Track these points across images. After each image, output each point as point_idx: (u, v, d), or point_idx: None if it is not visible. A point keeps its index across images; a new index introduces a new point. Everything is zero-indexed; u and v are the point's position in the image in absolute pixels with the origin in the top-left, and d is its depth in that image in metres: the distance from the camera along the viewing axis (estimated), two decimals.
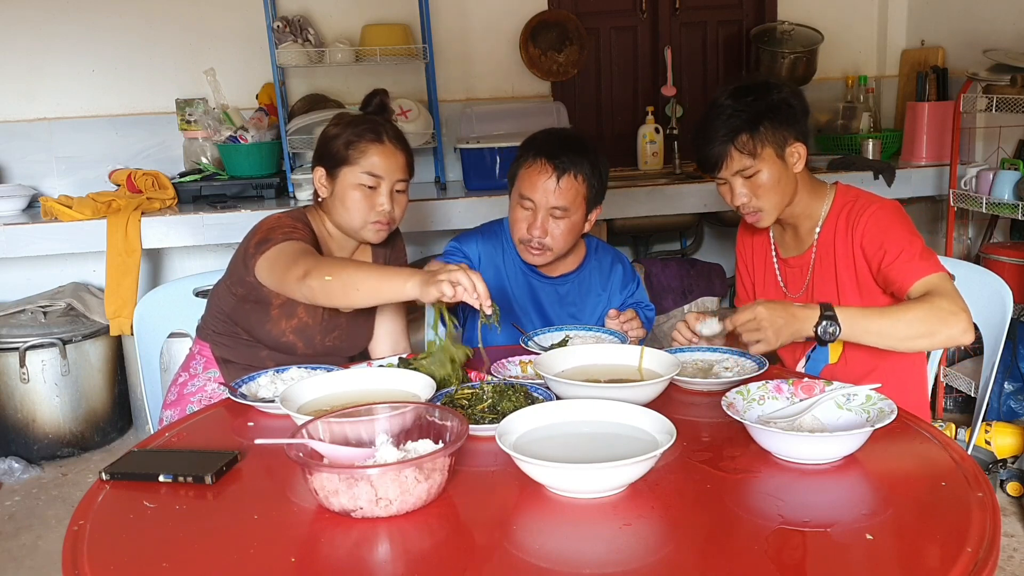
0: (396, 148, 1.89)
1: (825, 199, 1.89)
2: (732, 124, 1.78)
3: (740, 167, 1.80)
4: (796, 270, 1.94)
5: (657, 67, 4.07)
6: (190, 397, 1.93)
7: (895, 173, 3.48)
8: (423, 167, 3.86)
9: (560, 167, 1.95)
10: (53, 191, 3.57)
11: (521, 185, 2.00)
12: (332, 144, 1.89)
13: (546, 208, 1.97)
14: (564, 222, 1.99)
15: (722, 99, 1.81)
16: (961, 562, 1.02)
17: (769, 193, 1.82)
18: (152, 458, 1.41)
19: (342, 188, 1.88)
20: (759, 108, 1.78)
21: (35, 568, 2.63)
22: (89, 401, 3.42)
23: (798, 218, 1.90)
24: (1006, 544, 2.51)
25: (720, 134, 1.79)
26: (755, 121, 1.77)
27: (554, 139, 2.01)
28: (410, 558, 1.12)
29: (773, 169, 1.80)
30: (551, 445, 1.30)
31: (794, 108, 1.81)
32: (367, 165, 1.86)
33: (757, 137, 1.78)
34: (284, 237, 1.79)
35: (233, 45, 3.68)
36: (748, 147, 1.78)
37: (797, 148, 1.82)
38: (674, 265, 3.77)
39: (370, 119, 1.92)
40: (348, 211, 1.87)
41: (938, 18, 3.91)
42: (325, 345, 1.95)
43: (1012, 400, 3.14)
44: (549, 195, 1.96)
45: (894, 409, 1.36)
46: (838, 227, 1.85)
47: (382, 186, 1.87)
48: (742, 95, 1.80)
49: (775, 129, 1.78)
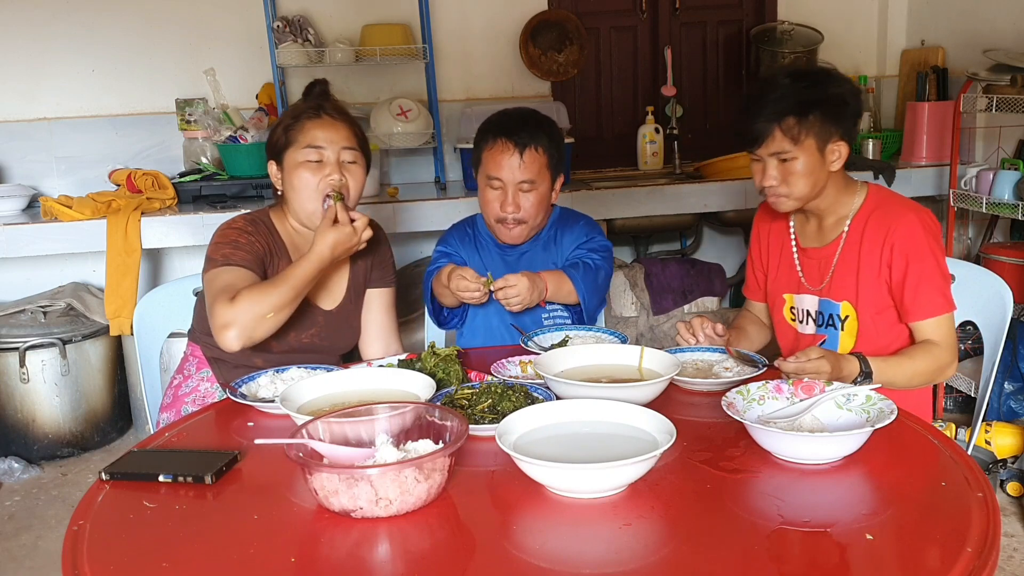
0: (336, 119, 1.87)
1: (856, 195, 1.87)
2: (783, 105, 1.74)
3: (779, 149, 1.76)
4: (816, 261, 1.91)
5: (657, 67, 4.07)
6: (184, 398, 1.92)
7: (895, 173, 3.48)
8: (423, 167, 3.87)
9: (520, 143, 2.04)
10: (53, 191, 3.57)
11: (487, 167, 2.08)
12: (274, 134, 1.89)
13: (514, 184, 2.05)
14: (533, 194, 2.07)
15: (780, 77, 1.78)
16: (961, 562, 1.02)
17: (799, 182, 1.78)
18: (152, 458, 1.41)
19: (289, 172, 1.86)
20: (814, 96, 1.74)
21: (35, 568, 2.63)
22: (89, 401, 3.42)
23: (824, 211, 1.88)
24: (1006, 544, 2.51)
25: (768, 111, 1.75)
26: (806, 108, 1.73)
27: (509, 118, 2.10)
28: (410, 558, 1.11)
29: (810, 160, 1.77)
30: (551, 445, 1.30)
31: (848, 106, 1.78)
32: (307, 140, 1.84)
33: (804, 124, 1.74)
34: (223, 260, 1.78)
35: (233, 45, 3.68)
36: (793, 132, 1.74)
37: (839, 147, 1.78)
38: (674, 265, 3.77)
39: (309, 102, 1.91)
40: (298, 193, 1.85)
41: (938, 18, 3.91)
42: (302, 342, 1.93)
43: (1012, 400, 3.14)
44: (515, 171, 2.04)
45: (894, 409, 1.36)
46: (869, 224, 1.83)
47: (326, 156, 1.84)
48: (801, 78, 1.77)
49: (824, 122, 1.75)
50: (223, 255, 1.79)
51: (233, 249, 1.80)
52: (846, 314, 1.86)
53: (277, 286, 1.70)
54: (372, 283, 2.05)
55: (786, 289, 1.98)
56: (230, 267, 1.77)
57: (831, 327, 1.88)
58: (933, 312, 1.78)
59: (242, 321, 1.65)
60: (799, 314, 1.95)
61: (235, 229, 1.86)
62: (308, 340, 1.93)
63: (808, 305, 1.93)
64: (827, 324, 1.89)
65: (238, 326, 1.65)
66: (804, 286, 1.93)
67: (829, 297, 1.88)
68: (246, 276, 1.75)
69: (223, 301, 1.68)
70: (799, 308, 1.95)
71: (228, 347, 1.67)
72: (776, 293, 2.00)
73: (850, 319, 1.86)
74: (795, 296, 1.96)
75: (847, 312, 1.86)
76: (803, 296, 1.94)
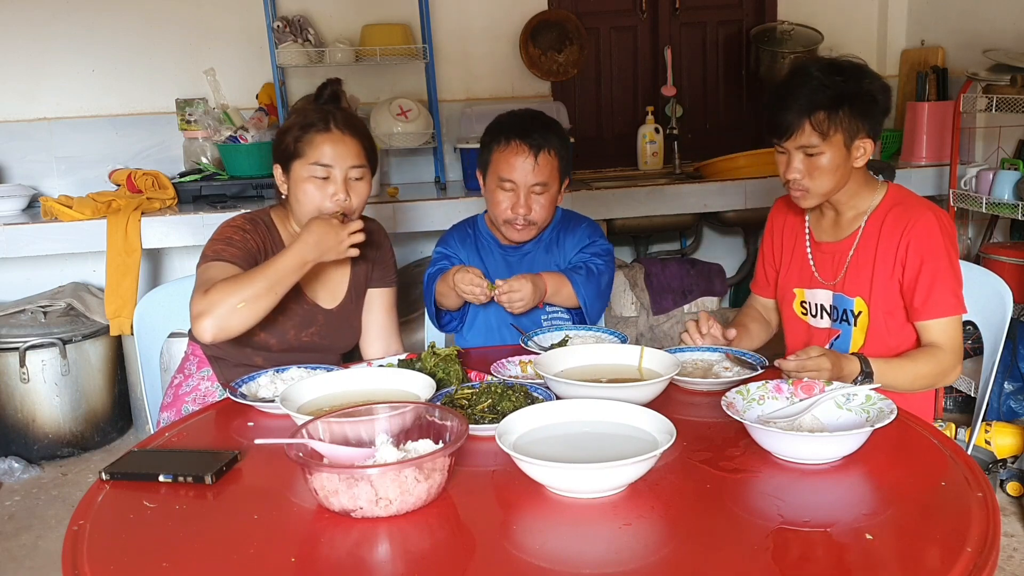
0: (346, 135, 1.85)
1: (876, 192, 1.87)
2: (814, 98, 1.72)
3: (807, 143, 1.75)
4: (830, 256, 1.91)
5: (657, 67, 4.07)
6: (185, 397, 1.93)
7: (895, 173, 3.47)
8: (423, 167, 3.87)
9: (535, 145, 2.03)
10: (53, 191, 3.57)
11: (499, 168, 2.05)
12: (283, 140, 1.87)
13: (527, 186, 2.04)
14: (544, 196, 2.07)
15: (812, 69, 1.75)
16: (961, 562, 1.02)
17: (823, 177, 1.77)
18: (152, 458, 1.41)
19: (295, 183, 1.86)
20: (846, 90, 1.73)
21: (35, 568, 2.63)
22: (89, 401, 3.42)
23: (842, 206, 1.87)
24: (1006, 544, 2.51)
25: (799, 103, 1.73)
26: (837, 102, 1.72)
27: (521, 120, 2.08)
28: (410, 558, 1.11)
29: (836, 155, 1.76)
30: (551, 445, 1.30)
31: (877, 103, 1.77)
32: (315, 156, 1.83)
33: (833, 119, 1.73)
34: (213, 256, 1.80)
35: (233, 45, 3.68)
36: (822, 126, 1.73)
37: (865, 143, 1.77)
38: (674, 265, 3.77)
39: (320, 109, 1.89)
40: (303, 206, 1.85)
41: (938, 18, 3.91)
42: (302, 341, 1.93)
43: (1012, 400, 3.14)
44: (528, 174, 2.03)
45: (894, 409, 1.35)
46: (887, 221, 1.82)
47: (334, 175, 1.84)
48: (833, 72, 1.74)
49: (852, 117, 1.73)
50: (214, 251, 1.80)
51: (225, 245, 1.81)
52: (859, 310, 1.85)
53: (252, 276, 1.70)
54: (373, 283, 2.05)
55: (797, 283, 1.97)
56: (218, 262, 1.78)
57: (845, 322, 1.88)
58: (942, 312, 1.76)
59: (214, 311, 1.65)
60: (811, 308, 1.95)
61: (232, 227, 1.87)
62: (308, 339, 1.93)
63: (822, 299, 1.92)
64: (841, 319, 1.89)
65: (210, 315, 1.65)
66: (816, 280, 1.93)
67: (843, 292, 1.88)
68: (231, 271, 1.76)
69: (199, 292, 1.70)
70: (811, 302, 1.95)
71: (202, 337, 1.67)
72: (787, 287, 2.00)
73: (863, 315, 1.85)
74: (806, 291, 1.95)
75: (860, 308, 1.85)
76: (816, 291, 1.93)
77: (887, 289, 1.83)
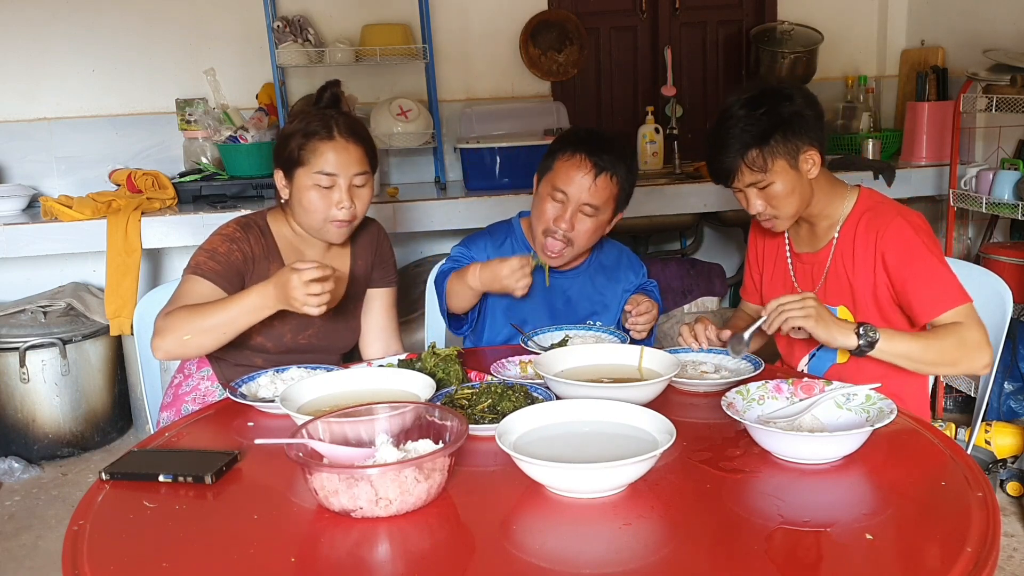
0: (349, 142, 1.83)
1: (846, 199, 1.87)
2: (743, 139, 1.74)
3: (752, 180, 1.77)
4: (809, 267, 1.93)
5: (657, 67, 4.07)
6: (184, 397, 1.93)
7: (895, 173, 3.48)
8: (423, 167, 3.87)
9: (599, 165, 1.94)
10: (53, 191, 3.57)
11: (556, 177, 1.97)
12: (286, 146, 1.85)
13: (578, 203, 1.95)
14: (592, 220, 1.98)
15: (735, 109, 1.77)
16: (961, 562, 1.02)
17: (784, 202, 1.79)
18: (152, 458, 1.41)
19: (298, 190, 1.84)
20: (771, 122, 1.74)
21: (35, 568, 2.63)
22: (89, 401, 3.42)
23: (815, 217, 1.88)
24: (1006, 544, 2.51)
25: (730, 147, 1.75)
26: (766, 135, 1.73)
27: (596, 137, 2.00)
28: (410, 558, 1.12)
29: (786, 179, 1.77)
30: (551, 445, 1.30)
31: (807, 117, 1.77)
32: (319, 164, 1.81)
33: (768, 151, 1.74)
34: (193, 267, 1.81)
35: (233, 45, 3.68)
36: (758, 162, 1.75)
37: (811, 155, 1.78)
38: (674, 265, 3.77)
39: (321, 114, 1.86)
40: (306, 213, 1.84)
41: (938, 18, 3.91)
42: (299, 343, 1.93)
43: (1012, 400, 3.14)
44: (583, 191, 1.94)
45: (894, 409, 1.36)
46: (859, 229, 1.83)
47: (338, 183, 1.82)
48: (754, 106, 1.75)
49: (787, 140, 1.74)
50: (196, 263, 1.82)
51: (208, 258, 1.82)
52: (843, 318, 1.85)
53: (209, 311, 1.70)
54: (373, 283, 2.05)
55: (781, 293, 1.97)
56: (195, 277, 1.80)
57: None
58: (947, 305, 1.72)
59: (166, 335, 1.70)
60: None
61: (221, 236, 1.87)
62: (306, 340, 1.93)
63: None
64: None
65: (161, 338, 1.70)
66: (797, 291, 1.94)
67: (824, 302, 1.88)
68: (204, 291, 1.78)
69: (165, 309, 1.75)
70: None
71: (153, 355, 1.73)
72: (771, 297, 2.00)
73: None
74: None
75: (844, 316, 1.85)
76: None
77: (870, 295, 1.83)
